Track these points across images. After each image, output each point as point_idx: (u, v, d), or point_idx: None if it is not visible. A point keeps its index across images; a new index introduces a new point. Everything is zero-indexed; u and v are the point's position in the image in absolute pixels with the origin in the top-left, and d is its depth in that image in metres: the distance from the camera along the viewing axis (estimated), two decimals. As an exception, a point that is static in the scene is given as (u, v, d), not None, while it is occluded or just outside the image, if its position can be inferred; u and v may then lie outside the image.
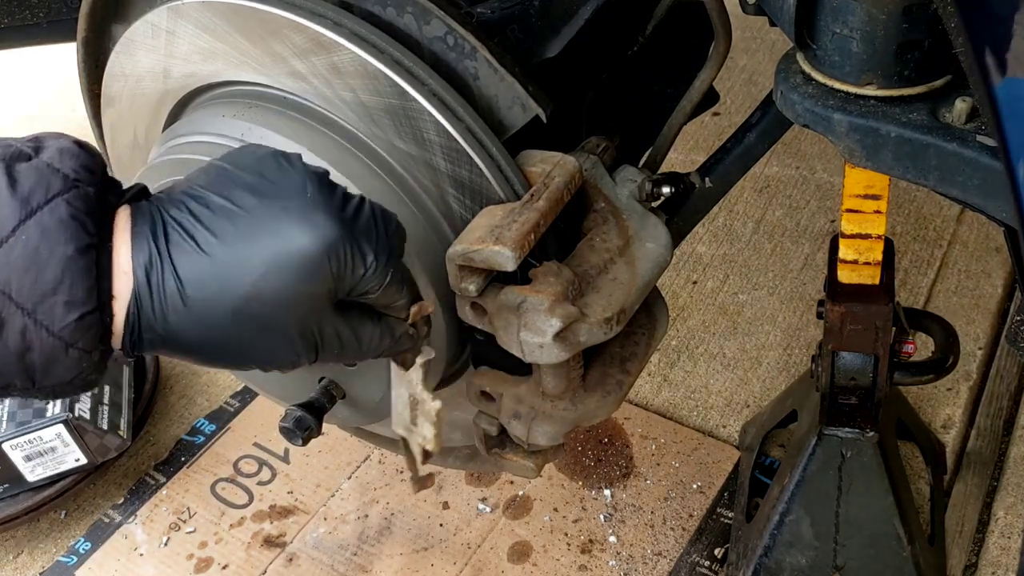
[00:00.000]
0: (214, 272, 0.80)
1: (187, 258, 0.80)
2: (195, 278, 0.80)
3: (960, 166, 0.89)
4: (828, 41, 0.94)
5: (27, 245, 0.74)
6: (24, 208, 0.75)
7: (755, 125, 1.23)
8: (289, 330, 0.84)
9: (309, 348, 0.87)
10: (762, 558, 1.47)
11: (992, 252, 2.08)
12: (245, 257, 0.81)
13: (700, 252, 2.17)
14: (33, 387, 0.79)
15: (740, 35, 2.43)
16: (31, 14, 1.42)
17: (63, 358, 0.78)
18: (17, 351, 0.76)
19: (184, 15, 1.04)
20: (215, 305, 0.81)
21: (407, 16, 1.02)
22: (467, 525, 1.71)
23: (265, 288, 0.81)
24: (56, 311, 0.75)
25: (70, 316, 0.76)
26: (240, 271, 0.81)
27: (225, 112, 1.07)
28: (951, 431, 1.76)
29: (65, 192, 0.77)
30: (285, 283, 0.82)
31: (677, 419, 1.85)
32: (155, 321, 0.80)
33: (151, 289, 0.79)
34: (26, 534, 1.79)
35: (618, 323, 1.00)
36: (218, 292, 0.81)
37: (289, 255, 0.82)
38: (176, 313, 0.80)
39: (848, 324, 1.30)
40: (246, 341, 0.84)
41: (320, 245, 0.82)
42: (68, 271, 0.75)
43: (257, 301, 0.81)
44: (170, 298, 0.80)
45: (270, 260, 0.81)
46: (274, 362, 0.87)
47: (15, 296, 0.74)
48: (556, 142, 1.07)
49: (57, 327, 0.76)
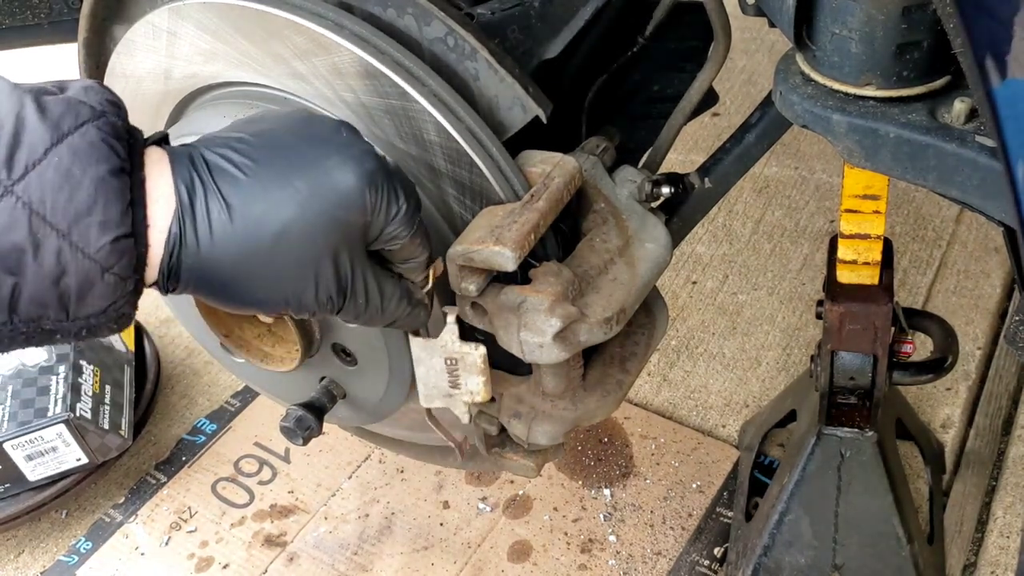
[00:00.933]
0: (259, 193, 0.81)
1: (231, 180, 0.81)
2: (240, 199, 0.81)
3: (959, 166, 0.89)
4: (827, 42, 0.94)
5: (59, 167, 0.74)
6: (55, 132, 0.74)
7: (754, 126, 1.23)
8: (322, 260, 0.85)
9: (339, 290, 0.87)
10: (761, 557, 1.47)
11: (991, 252, 2.09)
12: (288, 181, 0.82)
13: (700, 252, 2.18)
14: (67, 318, 0.78)
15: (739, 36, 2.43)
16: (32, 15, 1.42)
17: (99, 283, 0.77)
18: (52, 275, 0.75)
19: (185, 16, 1.04)
20: (260, 226, 0.81)
21: (407, 17, 1.02)
22: (467, 524, 1.71)
23: (309, 212, 0.82)
24: (91, 232, 0.75)
25: (105, 238, 0.75)
26: (284, 194, 0.82)
27: (226, 113, 1.07)
28: (950, 431, 1.76)
29: (94, 119, 0.77)
30: (327, 209, 0.83)
31: (677, 419, 1.85)
32: (198, 245, 0.80)
33: (194, 211, 0.80)
34: (27, 533, 1.79)
35: (618, 323, 1.00)
36: (263, 213, 0.81)
37: (332, 182, 0.84)
38: (222, 234, 0.80)
39: (847, 324, 1.30)
40: (283, 270, 0.84)
41: (360, 175, 0.84)
42: (101, 191, 0.75)
43: (301, 224, 0.82)
44: (215, 219, 0.80)
45: (314, 185, 0.83)
46: (303, 299, 0.87)
47: (49, 217, 0.73)
48: (556, 142, 1.07)
49: (92, 249, 0.75)
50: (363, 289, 0.89)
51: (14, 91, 0.76)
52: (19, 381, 1.75)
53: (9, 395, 1.73)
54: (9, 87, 0.76)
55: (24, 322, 0.76)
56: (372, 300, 0.91)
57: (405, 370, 1.10)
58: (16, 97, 0.75)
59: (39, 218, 0.73)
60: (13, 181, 0.73)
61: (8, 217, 0.72)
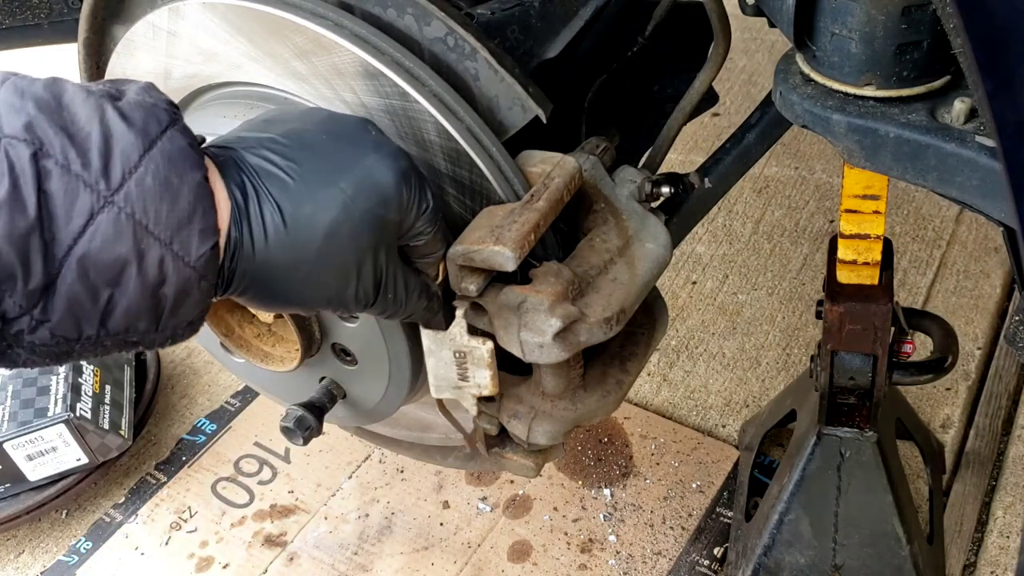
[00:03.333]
0: (306, 195, 0.82)
1: (279, 183, 0.81)
2: (290, 201, 0.81)
3: (959, 166, 0.89)
4: (827, 42, 0.94)
5: (156, 175, 0.73)
6: (144, 138, 0.73)
7: (754, 126, 1.23)
8: (365, 258, 0.86)
9: (375, 286, 0.89)
10: (761, 557, 1.47)
11: (991, 252, 2.09)
12: (333, 182, 0.83)
13: (699, 252, 2.18)
14: (156, 328, 0.77)
15: (739, 36, 2.43)
16: (32, 15, 1.42)
17: (195, 291, 0.76)
18: (153, 285, 0.74)
19: (185, 16, 1.04)
20: (311, 228, 0.82)
21: (407, 17, 1.02)
22: (467, 524, 1.71)
23: (355, 211, 0.84)
24: (192, 240, 0.74)
25: (205, 246, 0.75)
26: (329, 194, 0.83)
27: (226, 113, 1.07)
28: (950, 431, 1.77)
29: (173, 124, 0.76)
30: (371, 207, 0.85)
31: (677, 419, 1.85)
32: (253, 248, 0.80)
33: (249, 216, 0.80)
34: (27, 533, 1.79)
35: (618, 323, 1.00)
36: (312, 214, 0.82)
37: (373, 180, 0.85)
38: (276, 235, 0.81)
39: (847, 324, 1.30)
40: (330, 269, 0.85)
41: (397, 173, 0.86)
42: (200, 199, 0.75)
43: (348, 223, 0.83)
44: (269, 221, 0.80)
45: (357, 185, 0.84)
46: (344, 297, 0.87)
47: (152, 227, 0.72)
48: (556, 142, 1.07)
49: (193, 257, 0.75)
50: (394, 285, 0.91)
51: (89, 97, 0.74)
52: (19, 381, 1.75)
53: (9, 395, 1.73)
54: (84, 92, 0.74)
55: (112, 335, 0.75)
56: (399, 295, 0.92)
57: (405, 370, 1.10)
58: (93, 102, 0.73)
59: (142, 228, 0.72)
60: (112, 191, 0.71)
61: (112, 228, 0.71)
